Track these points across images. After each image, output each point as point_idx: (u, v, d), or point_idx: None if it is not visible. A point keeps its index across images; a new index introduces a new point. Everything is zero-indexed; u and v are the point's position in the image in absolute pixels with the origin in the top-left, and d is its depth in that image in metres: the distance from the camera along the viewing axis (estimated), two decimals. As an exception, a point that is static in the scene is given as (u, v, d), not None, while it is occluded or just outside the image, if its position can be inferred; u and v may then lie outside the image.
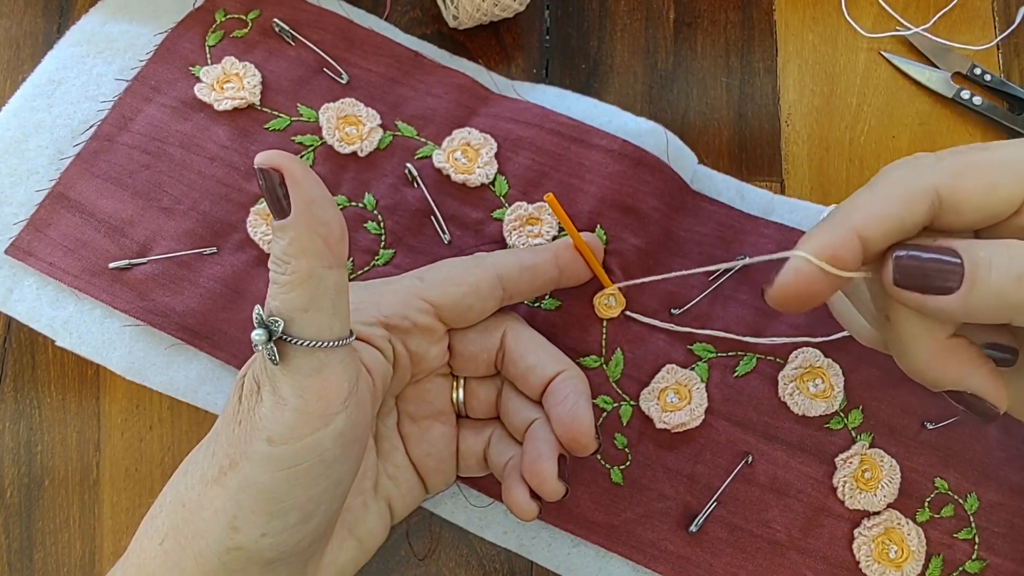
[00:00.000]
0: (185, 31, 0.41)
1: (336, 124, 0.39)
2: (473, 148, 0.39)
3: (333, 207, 0.25)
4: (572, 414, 0.31)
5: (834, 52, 0.44)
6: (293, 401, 0.25)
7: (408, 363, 0.32)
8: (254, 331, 0.24)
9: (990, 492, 0.35)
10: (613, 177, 0.38)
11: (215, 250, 0.37)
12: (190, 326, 0.36)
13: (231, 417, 0.26)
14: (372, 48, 0.42)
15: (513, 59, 0.44)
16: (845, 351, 0.36)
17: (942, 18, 0.44)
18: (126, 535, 0.37)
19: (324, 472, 0.26)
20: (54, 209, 0.38)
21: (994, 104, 0.42)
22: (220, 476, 0.25)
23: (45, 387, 0.38)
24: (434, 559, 0.37)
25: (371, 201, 0.39)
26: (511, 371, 0.33)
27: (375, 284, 0.32)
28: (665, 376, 0.36)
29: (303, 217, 0.24)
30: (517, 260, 0.33)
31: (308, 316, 0.24)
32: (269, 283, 0.25)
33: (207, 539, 0.26)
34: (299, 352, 0.25)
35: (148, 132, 0.39)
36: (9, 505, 0.37)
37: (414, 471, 0.33)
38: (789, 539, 0.34)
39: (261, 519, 0.25)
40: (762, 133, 0.43)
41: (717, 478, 0.35)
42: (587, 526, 0.35)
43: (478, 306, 0.32)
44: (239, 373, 0.27)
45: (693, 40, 0.44)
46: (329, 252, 0.25)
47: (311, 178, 0.24)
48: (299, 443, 0.25)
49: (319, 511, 0.27)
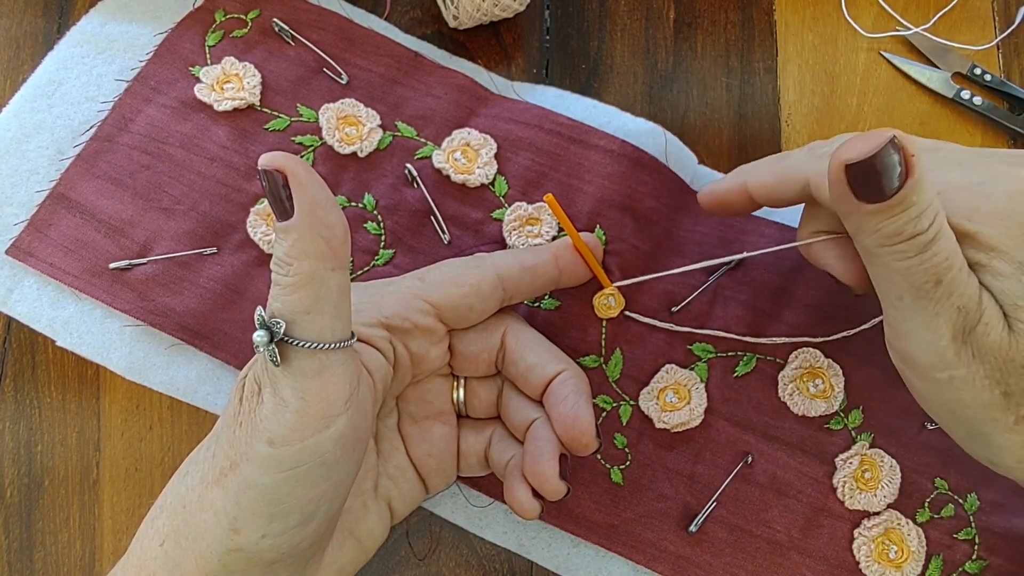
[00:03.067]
0: (185, 31, 0.41)
1: (336, 124, 0.39)
2: (473, 148, 0.39)
3: (336, 209, 0.25)
4: (573, 413, 0.31)
5: (834, 52, 0.44)
6: (294, 403, 0.25)
7: (409, 364, 0.32)
8: (256, 332, 0.24)
9: (990, 492, 0.35)
10: (613, 177, 0.38)
11: (215, 250, 0.37)
12: (190, 326, 0.36)
13: (232, 418, 0.26)
14: (372, 48, 0.42)
15: (513, 59, 0.44)
16: (845, 351, 0.36)
17: (942, 18, 0.44)
18: (126, 535, 0.37)
19: (325, 474, 0.26)
20: (54, 210, 0.38)
21: (994, 104, 0.42)
22: (220, 477, 0.26)
23: (45, 387, 0.38)
24: (434, 559, 0.37)
25: (371, 201, 0.39)
26: (511, 371, 0.33)
27: (376, 285, 0.32)
28: (664, 376, 0.36)
29: (306, 219, 0.24)
30: (517, 261, 0.33)
31: (310, 318, 0.25)
32: (271, 284, 0.25)
33: (207, 540, 0.26)
34: (300, 354, 0.25)
35: (148, 133, 0.39)
36: (9, 505, 0.37)
37: (414, 471, 0.33)
38: (789, 539, 0.34)
39: (261, 521, 0.25)
40: (762, 133, 0.43)
41: (717, 478, 0.35)
42: (587, 526, 0.35)
43: (479, 307, 0.32)
44: (240, 374, 0.27)
45: (693, 40, 0.44)
46: (332, 254, 0.25)
47: (314, 180, 0.24)
48: (300, 445, 0.25)
49: (319, 512, 0.27)
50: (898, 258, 0.25)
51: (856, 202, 0.25)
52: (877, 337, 0.36)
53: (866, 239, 0.26)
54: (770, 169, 0.32)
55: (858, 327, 0.36)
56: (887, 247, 0.25)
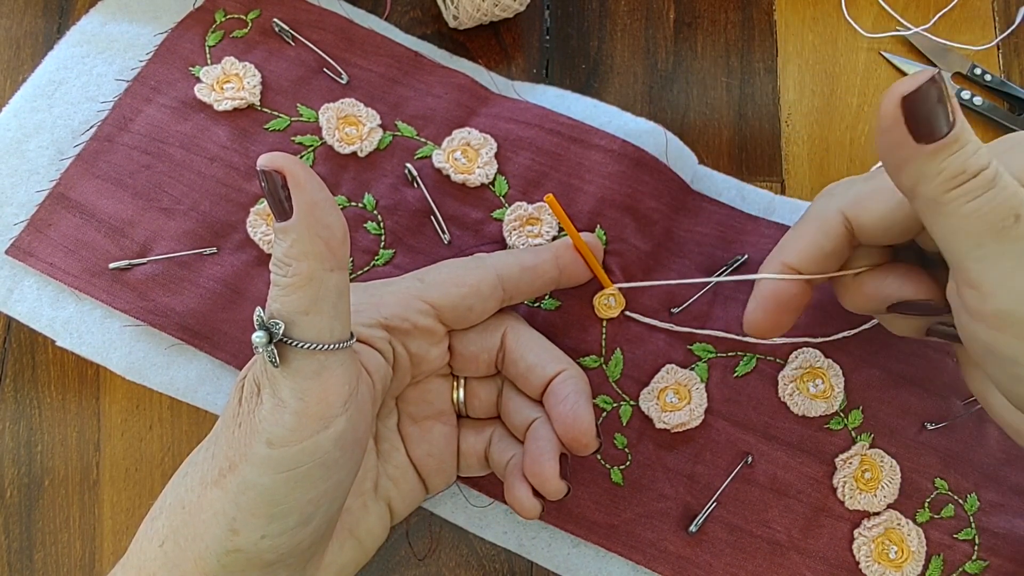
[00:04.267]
0: (185, 31, 0.41)
1: (336, 124, 0.39)
2: (473, 148, 0.39)
3: (335, 210, 0.25)
4: (573, 413, 0.31)
5: (834, 52, 0.44)
6: (293, 404, 0.25)
7: (408, 365, 0.32)
8: (255, 333, 0.24)
9: (990, 493, 0.35)
10: (613, 177, 0.38)
11: (215, 250, 0.37)
12: (190, 326, 0.36)
13: (231, 419, 0.26)
14: (372, 48, 0.42)
15: (513, 59, 0.44)
16: (845, 351, 0.36)
17: (942, 18, 0.44)
18: (126, 535, 0.37)
19: (324, 475, 0.26)
20: (54, 210, 0.38)
21: (994, 104, 0.42)
22: (219, 478, 0.26)
23: (45, 387, 0.38)
24: (434, 559, 0.37)
25: (371, 201, 0.39)
26: (511, 371, 0.33)
27: (375, 285, 0.32)
28: (665, 376, 0.36)
29: (305, 220, 0.24)
30: (517, 261, 0.33)
31: (309, 319, 0.25)
32: (270, 285, 0.25)
33: (207, 541, 0.26)
34: (299, 355, 0.25)
35: (148, 132, 0.39)
36: (9, 505, 0.37)
37: (414, 471, 0.33)
38: (789, 539, 0.34)
39: (260, 521, 0.25)
40: (762, 133, 0.43)
41: (717, 478, 0.35)
42: (587, 526, 0.35)
43: (479, 307, 0.32)
44: (239, 375, 0.27)
45: (693, 40, 0.44)
46: (330, 255, 0.25)
47: (313, 181, 0.24)
48: (299, 446, 0.25)
49: (319, 513, 0.27)
50: (969, 198, 0.24)
51: (915, 145, 0.24)
52: (877, 337, 0.36)
53: (929, 186, 0.24)
54: (802, 231, 0.31)
55: (858, 327, 0.36)
56: (954, 189, 0.24)
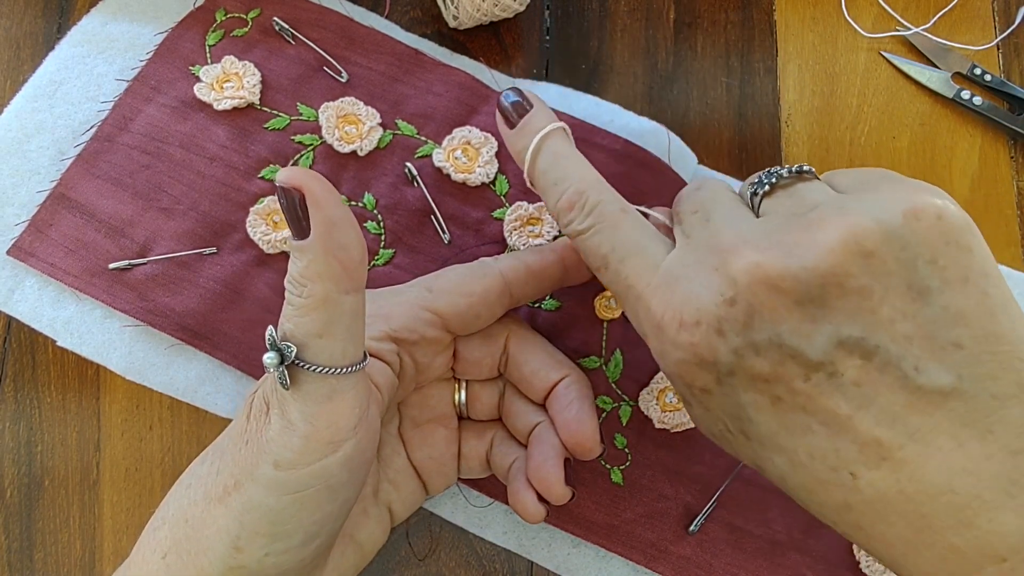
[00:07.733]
0: (185, 31, 0.41)
1: (336, 123, 0.39)
2: (474, 147, 0.39)
3: (354, 229, 0.24)
4: (577, 419, 0.31)
5: (834, 52, 0.44)
6: (302, 427, 0.24)
7: (414, 373, 0.32)
8: (266, 354, 0.24)
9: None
10: (615, 177, 0.38)
11: (215, 250, 0.37)
12: (190, 326, 0.36)
13: (238, 436, 0.26)
14: (372, 46, 0.42)
15: (513, 59, 0.44)
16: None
17: (942, 18, 0.44)
18: (126, 535, 0.37)
19: (330, 496, 0.26)
20: (55, 210, 0.38)
21: (994, 104, 0.42)
22: (224, 496, 0.25)
23: (45, 387, 0.38)
24: (434, 559, 0.37)
25: (371, 200, 0.39)
26: (514, 375, 0.33)
27: (383, 295, 0.32)
28: (664, 377, 0.36)
29: (321, 240, 0.23)
30: (524, 265, 0.33)
31: (322, 342, 0.24)
32: (284, 303, 0.25)
33: (209, 557, 0.25)
34: (311, 378, 0.24)
35: (148, 132, 0.39)
36: (9, 505, 0.37)
37: (415, 474, 0.33)
38: (789, 539, 0.34)
39: (264, 540, 0.25)
40: (762, 133, 0.43)
41: (717, 478, 0.35)
42: (587, 526, 0.35)
43: (485, 314, 0.32)
44: (249, 391, 0.27)
45: (693, 40, 0.44)
46: (347, 277, 0.24)
47: (333, 199, 0.23)
48: (306, 469, 0.25)
49: (323, 532, 0.27)
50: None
51: None
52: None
53: None
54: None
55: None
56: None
